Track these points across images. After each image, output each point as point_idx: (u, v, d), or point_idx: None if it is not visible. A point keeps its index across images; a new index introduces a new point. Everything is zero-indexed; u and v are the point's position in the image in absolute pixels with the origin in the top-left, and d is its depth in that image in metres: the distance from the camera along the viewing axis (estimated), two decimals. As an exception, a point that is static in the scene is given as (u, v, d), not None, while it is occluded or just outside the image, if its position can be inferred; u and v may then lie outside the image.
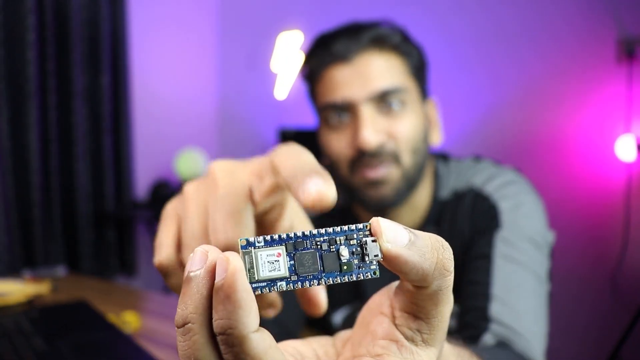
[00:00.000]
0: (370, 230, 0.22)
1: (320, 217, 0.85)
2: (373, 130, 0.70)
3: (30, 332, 0.77)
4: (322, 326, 0.87)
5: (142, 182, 2.60)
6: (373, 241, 0.22)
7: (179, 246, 0.34)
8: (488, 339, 0.62)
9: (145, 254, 2.66)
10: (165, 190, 2.42)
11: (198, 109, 2.97)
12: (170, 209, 0.35)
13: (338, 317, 0.84)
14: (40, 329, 0.79)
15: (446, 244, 0.22)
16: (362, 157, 0.71)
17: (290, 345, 0.26)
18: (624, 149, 1.80)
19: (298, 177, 0.27)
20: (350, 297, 0.83)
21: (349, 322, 0.84)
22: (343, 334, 0.27)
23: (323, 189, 0.26)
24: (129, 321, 0.86)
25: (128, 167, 2.49)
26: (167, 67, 2.77)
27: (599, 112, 1.89)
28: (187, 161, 2.49)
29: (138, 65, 2.57)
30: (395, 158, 0.72)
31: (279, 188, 0.32)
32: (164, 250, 0.34)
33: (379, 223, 0.22)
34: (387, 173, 0.72)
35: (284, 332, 0.72)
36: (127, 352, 0.72)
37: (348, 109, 0.72)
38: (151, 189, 2.49)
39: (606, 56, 1.86)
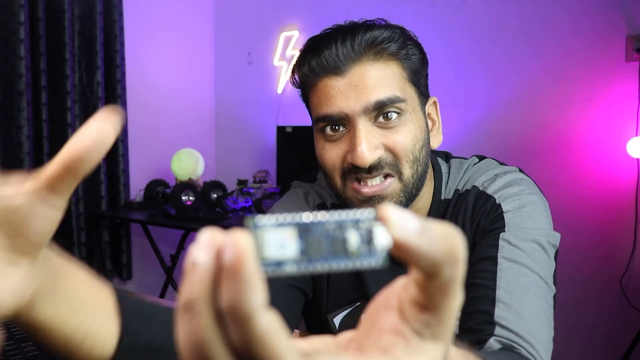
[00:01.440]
0: (379, 217, 0.22)
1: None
2: (369, 145, 0.68)
3: (22, 336, 0.75)
4: (322, 329, 0.86)
5: (136, 183, 2.57)
6: (382, 228, 0.21)
7: None
8: (493, 343, 0.61)
9: (140, 256, 2.64)
10: (161, 190, 2.39)
11: (194, 107, 2.95)
12: None
13: (338, 319, 0.83)
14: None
15: (458, 232, 0.21)
16: (357, 169, 0.69)
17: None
18: (636, 147, 1.78)
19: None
20: (352, 298, 0.81)
21: (349, 321, 0.82)
22: (346, 334, 0.26)
23: None
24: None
25: (122, 167, 2.47)
26: (162, 64, 2.75)
27: (608, 110, 1.89)
28: (183, 161, 2.47)
29: (132, 62, 2.54)
30: (396, 170, 0.70)
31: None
32: None
33: (387, 210, 0.21)
34: (387, 187, 0.70)
35: None
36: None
37: (343, 122, 0.70)
38: (146, 190, 2.46)
39: (615, 53, 1.85)
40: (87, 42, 2.31)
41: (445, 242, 0.21)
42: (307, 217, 0.21)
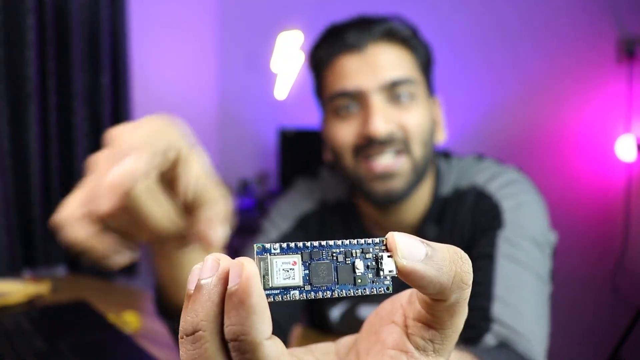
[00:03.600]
0: (386, 245, 0.22)
1: (320, 212, 0.84)
2: (383, 119, 0.70)
3: (31, 332, 0.77)
4: (319, 322, 0.87)
5: (142, 182, 2.59)
6: (389, 256, 0.22)
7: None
8: (489, 339, 0.62)
9: (145, 253, 2.65)
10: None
11: (198, 108, 2.97)
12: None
13: (335, 312, 0.84)
14: (41, 329, 0.79)
15: (465, 256, 0.22)
16: (369, 145, 0.71)
17: (292, 354, 0.26)
18: (624, 149, 1.80)
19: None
20: None
21: (346, 319, 0.84)
22: (345, 340, 0.27)
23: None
24: (129, 321, 0.86)
25: (128, 167, 2.48)
26: (167, 67, 2.77)
27: (599, 111, 1.89)
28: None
29: (138, 65, 2.57)
30: (406, 148, 0.72)
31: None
32: (67, 207, 0.36)
33: (394, 238, 0.21)
34: (399, 165, 0.72)
35: (277, 330, 0.72)
36: (127, 352, 0.71)
37: (358, 98, 0.72)
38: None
39: (606, 56, 1.86)
40: (94, 46, 2.33)
41: (452, 267, 0.21)
42: (313, 243, 0.22)
